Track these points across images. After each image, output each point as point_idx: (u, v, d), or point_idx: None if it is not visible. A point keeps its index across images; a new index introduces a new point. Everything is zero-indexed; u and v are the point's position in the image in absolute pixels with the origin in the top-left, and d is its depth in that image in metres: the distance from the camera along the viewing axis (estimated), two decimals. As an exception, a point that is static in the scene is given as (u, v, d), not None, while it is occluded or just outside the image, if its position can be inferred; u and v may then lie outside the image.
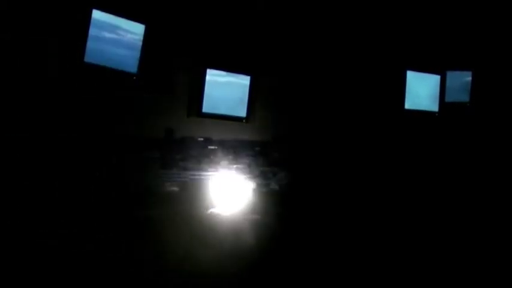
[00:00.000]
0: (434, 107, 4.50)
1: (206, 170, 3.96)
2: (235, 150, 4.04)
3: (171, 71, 4.03)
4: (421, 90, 4.46)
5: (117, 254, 3.41)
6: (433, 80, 4.50)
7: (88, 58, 3.77)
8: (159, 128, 3.96)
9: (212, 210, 3.85)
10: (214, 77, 4.06)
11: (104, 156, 3.72)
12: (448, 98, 4.56)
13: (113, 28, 3.87)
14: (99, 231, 3.45)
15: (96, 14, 3.70)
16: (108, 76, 3.83)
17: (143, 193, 3.77)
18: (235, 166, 4.05)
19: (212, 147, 4.02)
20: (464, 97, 4.59)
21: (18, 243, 3.26)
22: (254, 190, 4.02)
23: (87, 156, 3.68)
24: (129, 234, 3.53)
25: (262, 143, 4.16)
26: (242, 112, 4.11)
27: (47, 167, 3.53)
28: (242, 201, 3.94)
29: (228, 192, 3.94)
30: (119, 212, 3.60)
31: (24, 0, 3.63)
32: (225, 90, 4.06)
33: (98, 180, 3.67)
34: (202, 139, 4.03)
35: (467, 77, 4.57)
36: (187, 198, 3.84)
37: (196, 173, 3.95)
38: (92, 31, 3.77)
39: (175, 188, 3.88)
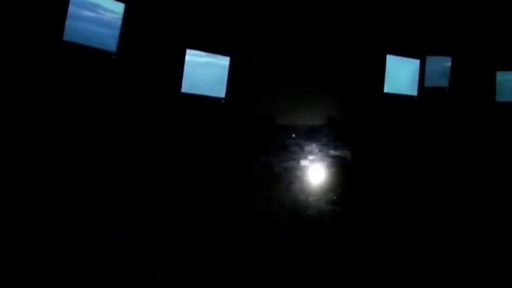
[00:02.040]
0: (414, 92, 4.52)
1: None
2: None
3: (150, 51, 4.02)
4: (401, 75, 4.48)
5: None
6: (413, 64, 4.52)
7: (67, 36, 3.74)
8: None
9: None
10: (193, 57, 4.06)
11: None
12: (428, 83, 4.58)
13: (93, 6, 3.84)
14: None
15: (76, -9, 3.68)
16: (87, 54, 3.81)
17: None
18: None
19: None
20: (444, 82, 4.61)
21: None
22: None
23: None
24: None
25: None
26: (221, 93, 4.12)
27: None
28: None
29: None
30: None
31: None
32: (205, 70, 4.07)
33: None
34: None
35: (446, 62, 4.59)
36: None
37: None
38: (72, 9, 3.74)
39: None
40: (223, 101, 4.13)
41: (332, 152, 4.38)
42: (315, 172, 4.35)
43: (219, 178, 4.10)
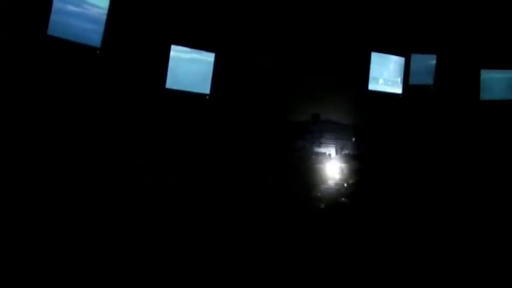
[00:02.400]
0: (398, 89, 4.55)
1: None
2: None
3: (135, 46, 4.02)
4: (386, 72, 4.50)
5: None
6: (398, 62, 4.54)
7: (51, 31, 3.73)
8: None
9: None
10: (178, 53, 4.07)
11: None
12: (412, 81, 4.61)
13: (78, 1, 3.83)
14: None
15: (61, -13, 3.67)
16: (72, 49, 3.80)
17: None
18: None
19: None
20: (428, 80, 4.64)
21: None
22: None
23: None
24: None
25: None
26: (206, 89, 4.13)
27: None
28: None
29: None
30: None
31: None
32: (189, 66, 4.08)
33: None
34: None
35: (431, 60, 4.62)
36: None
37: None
38: (57, 4, 3.74)
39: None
40: (207, 97, 4.14)
41: (316, 149, 4.40)
42: (300, 169, 4.37)
43: (209, 175, 4.11)
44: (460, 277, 3.60)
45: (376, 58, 4.43)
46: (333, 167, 4.41)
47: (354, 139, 4.55)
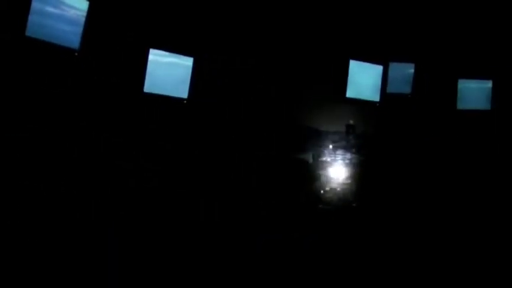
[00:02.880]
0: (376, 97, 4.59)
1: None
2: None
3: (114, 49, 4.03)
4: (364, 80, 4.54)
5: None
6: (376, 70, 4.58)
7: (30, 32, 3.73)
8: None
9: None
10: (156, 57, 4.09)
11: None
12: (390, 89, 4.65)
13: (57, 3, 3.82)
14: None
15: (40, -13, 3.66)
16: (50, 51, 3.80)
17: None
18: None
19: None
20: (406, 89, 4.69)
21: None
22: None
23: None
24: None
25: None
26: (184, 93, 4.15)
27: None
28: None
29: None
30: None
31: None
32: (168, 70, 4.10)
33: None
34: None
35: (409, 69, 4.66)
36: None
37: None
38: (35, 5, 3.73)
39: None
40: (185, 101, 4.16)
41: (293, 155, 4.44)
42: (278, 173, 4.41)
43: (185, 178, 4.13)
44: (450, 278, 3.69)
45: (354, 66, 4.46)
46: (311, 173, 4.47)
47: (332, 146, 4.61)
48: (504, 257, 3.85)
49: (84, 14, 3.87)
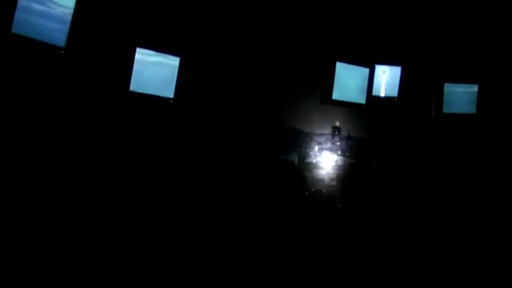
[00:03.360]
0: (362, 99, 4.61)
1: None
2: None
3: (100, 47, 4.03)
4: (350, 82, 4.56)
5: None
6: (362, 72, 4.60)
7: (16, 29, 3.72)
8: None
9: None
10: (143, 56, 4.09)
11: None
12: (376, 92, 4.68)
13: (44, 0, 3.82)
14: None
15: (26, -16, 3.65)
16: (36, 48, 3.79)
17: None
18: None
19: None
20: (393, 91, 4.71)
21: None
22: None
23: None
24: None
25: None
26: (170, 93, 4.16)
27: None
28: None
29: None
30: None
31: None
32: (154, 70, 4.10)
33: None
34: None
35: (396, 71, 4.69)
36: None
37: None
38: (21, 1, 3.72)
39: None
40: (171, 101, 4.17)
41: (279, 156, 4.47)
42: (263, 174, 4.44)
43: (169, 178, 4.15)
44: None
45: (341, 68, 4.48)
46: (296, 175, 4.49)
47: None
48: (488, 258, 3.91)
49: (71, 11, 3.86)
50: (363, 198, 4.43)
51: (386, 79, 4.68)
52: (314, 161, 4.55)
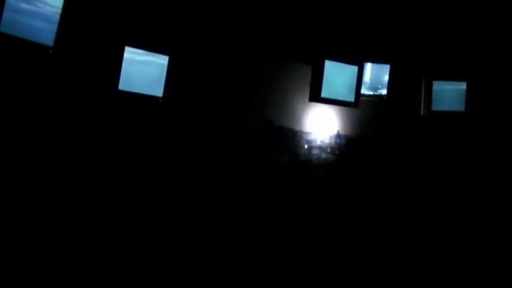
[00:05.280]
0: (351, 97, 4.63)
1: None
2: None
3: (89, 46, 4.03)
4: (339, 80, 4.58)
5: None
6: (351, 70, 4.61)
7: (4, 28, 3.72)
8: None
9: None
10: (132, 55, 4.10)
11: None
12: (365, 90, 4.70)
13: (32, 0, 3.82)
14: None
15: (14, -16, 3.65)
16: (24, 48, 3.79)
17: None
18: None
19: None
20: (382, 89, 4.73)
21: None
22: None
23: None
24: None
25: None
26: (159, 92, 4.17)
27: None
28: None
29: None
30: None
31: None
32: (143, 69, 4.11)
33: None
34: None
35: (385, 69, 4.71)
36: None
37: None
38: (10, 1, 3.71)
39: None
40: (160, 100, 4.18)
41: (269, 155, 4.47)
42: (254, 172, 4.44)
43: (158, 176, 4.14)
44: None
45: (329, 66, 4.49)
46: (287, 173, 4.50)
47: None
48: (481, 255, 3.92)
49: (59, 10, 3.86)
50: (354, 196, 4.44)
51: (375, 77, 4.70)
52: (303, 159, 4.56)
